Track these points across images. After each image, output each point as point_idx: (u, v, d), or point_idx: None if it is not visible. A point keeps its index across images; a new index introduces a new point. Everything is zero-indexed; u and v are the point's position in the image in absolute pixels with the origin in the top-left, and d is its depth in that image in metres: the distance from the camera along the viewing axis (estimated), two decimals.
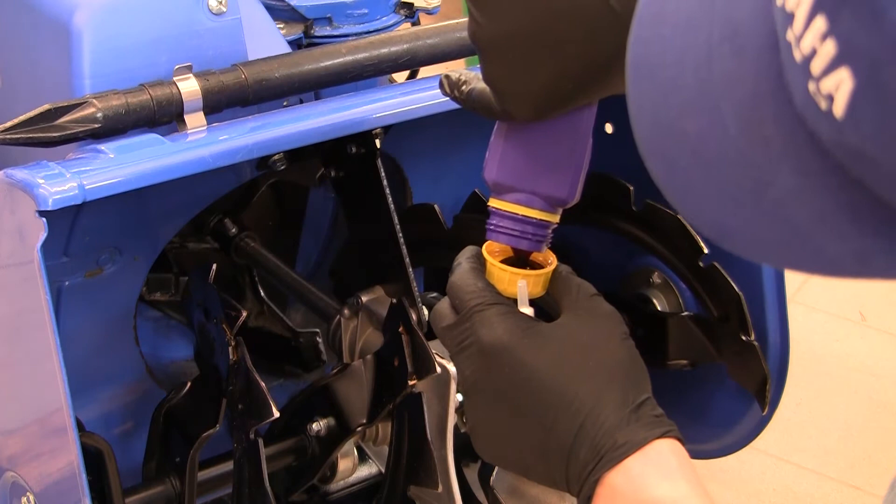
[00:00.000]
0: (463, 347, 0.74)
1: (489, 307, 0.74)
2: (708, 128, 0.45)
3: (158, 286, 1.39)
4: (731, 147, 0.44)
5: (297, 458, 1.17)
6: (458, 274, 0.77)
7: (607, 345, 0.73)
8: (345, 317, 1.18)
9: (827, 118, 0.39)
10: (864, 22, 0.37)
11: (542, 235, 0.79)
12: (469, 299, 0.75)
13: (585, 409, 0.70)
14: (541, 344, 0.72)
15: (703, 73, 0.45)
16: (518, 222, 0.79)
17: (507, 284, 0.78)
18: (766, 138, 0.43)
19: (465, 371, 0.75)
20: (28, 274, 0.88)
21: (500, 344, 0.72)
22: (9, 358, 1.00)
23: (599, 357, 0.72)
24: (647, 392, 0.73)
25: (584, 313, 0.75)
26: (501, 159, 0.79)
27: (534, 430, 0.72)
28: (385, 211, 1.19)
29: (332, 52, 1.14)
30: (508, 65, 0.72)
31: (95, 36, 1.06)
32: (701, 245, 1.30)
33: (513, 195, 0.79)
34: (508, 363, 0.72)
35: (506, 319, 0.73)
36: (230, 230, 1.38)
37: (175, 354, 1.40)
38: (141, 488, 1.10)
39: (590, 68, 0.71)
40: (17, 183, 0.88)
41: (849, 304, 2.07)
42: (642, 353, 1.31)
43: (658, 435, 0.70)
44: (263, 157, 1.07)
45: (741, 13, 0.44)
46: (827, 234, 0.43)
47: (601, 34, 0.69)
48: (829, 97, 0.39)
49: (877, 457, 1.68)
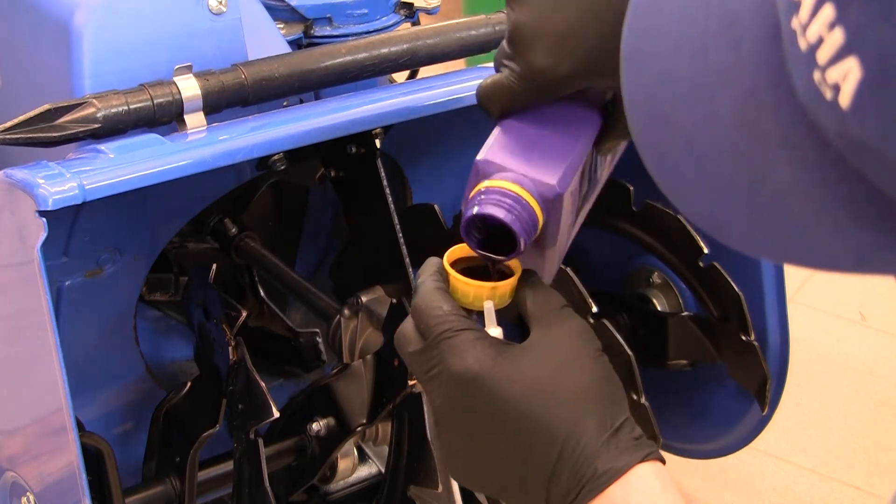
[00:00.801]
0: (431, 376, 0.72)
1: (457, 333, 0.71)
2: (702, 120, 0.44)
3: (158, 286, 1.39)
4: (726, 140, 0.44)
5: (297, 458, 1.17)
6: (423, 295, 0.74)
7: (581, 365, 0.71)
8: (345, 317, 1.18)
9: (831, 108, 0.39)
10: (873, 12, 0.36)
11: (527, 219, 0.74)
12: (436, 324, 0.72)
13: (563, 436, 0.68)
14: (513, 370, 0.70)
15: (698, 64, 0.45)
16: (505, 196, 0.73)
17: (473, 299, 0.74)
18: (763, 131, 0.42)
19: (435, 400, 0.72)
20: (28, 274, 0.88)
21: (471, 373, 0.69)
22: (9, 358, 1.00)
23: (574, 379, 0.70)
24: (624, 412, 0.70)
25: (554, 330, 0.72)
26: (494, 143, 0.76)
27: (511, 458, 0.70)
28: (385, 211, 1.19)
29: (332, 52, 1.14)
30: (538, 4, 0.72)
31: (95, 36, 1.06)
32: (701, 245, 1.30)
33: (502, 174, 0.74)
34: (481, 393, 0.69)
35: (475, 346, 0.70)
36: (230, 230, 1.38)
37: (175, 354, 1.40)
38: (141, 488, 1.10)
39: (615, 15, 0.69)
40: (17, 183, 0.88)
41: (849, 304, 2.07)
42: (642, 353, 1.33)
43: (640, 459, 0.67)
44: (263, 157, 1.07)
45: (739, 4, 0.43)
46: (825, 229, 0.43)
47: None
48: (834, 87, 0.38)
49: (877, 457, 1.68)
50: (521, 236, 0.73)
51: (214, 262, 1.14)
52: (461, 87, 1.10)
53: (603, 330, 1.29)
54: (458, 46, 1.21)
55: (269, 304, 1.46)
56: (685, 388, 1.47)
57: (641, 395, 1.28)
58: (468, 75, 1.14)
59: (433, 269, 0.75)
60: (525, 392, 0.69)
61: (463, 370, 0.70)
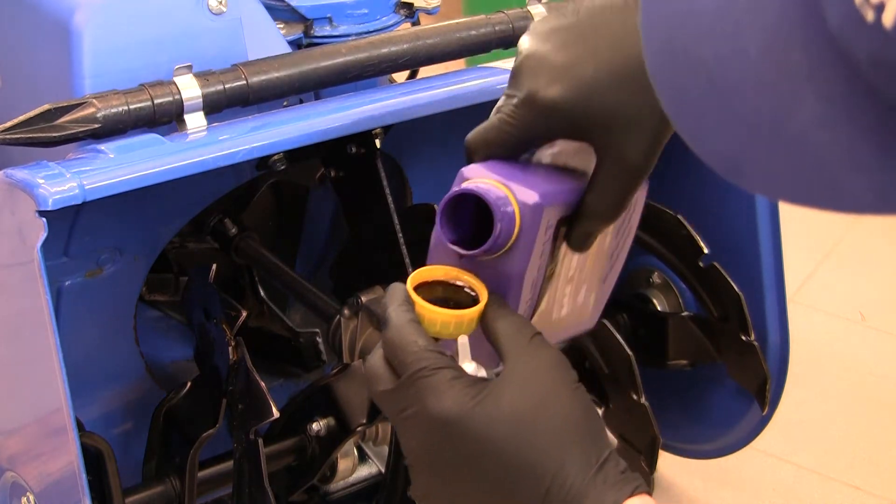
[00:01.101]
0: (406, 416, 0.69)
1: (434, 372, 0.68)
2: (727, 54, 0.43)
3: (158, 286, 1.39)
4: (752, 73, 0.42)
5: (297, 458, 1.17)
6: (396, 329, 0.70)
7: (561, 399, 0.69)
8: (345, 317, 1.18)
9: (872, 31, 0.38)
10: None
11: (507, 212, 0.72)
12: (411, 362, 0.68)
13: (549, 475, 0.66)
14: (493, 410, 0.67)
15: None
16: (488, 185, 0.73)
17: (440, 327, 0.72)
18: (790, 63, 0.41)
19: (410, 442, 0.69)
20: (28, 274, 0.87)
21: (450, 416, 0.67)
22: (9, 358, 1.00)
23: (555, 415, 0.68)
24: (608, 446, 0.69)
25: (529, 363, 0.70)
26: (478, 164, 0.77)
27: (495, 501, 0.68)
28: (385, 211, 1.19)
29: (332, 52, 1.14)
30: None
31: (95, 36, 1.06)
32: (701, 245, 1.30)
33: (486, 176, 0.75)
34: (461, 435, 0.67)
35: (453, 386, 0.67)
36: (230, 230, 1.38)
37: (175, 354, 1.40)
38: (141, 488, 1.10)
39: (612, 53, 0.74)
40: (17, 183, 0.88)
41: (849, 304, 2.07)
42: (642, 353, 1.33)
43: (628, 494, 0.66)
44: (263, 157, 1.07)
45: None
46: (849, 166, 0.41)
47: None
48: (878, 6, 0.37)
49: (877, 457, 1.68)
50: (499, 221, 0.72)
51: (214, 262, 1.14)
52: (461, 87, 1.10)
53: (603, 330, 1.29)
54: (458, 46, 1.21)
55: (269, 304, 1.46)
56: (685, 388, 1.47)
57: (641, 395, 1.28)
58: (468, 75, 1.14)
59: (401, 297, 0.72)
60: (506, 432, 0.67)
61: (441, 412, 0.67)
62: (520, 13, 1.26)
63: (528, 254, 0.74)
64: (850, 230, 2.32)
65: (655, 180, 0.85)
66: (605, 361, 1.31)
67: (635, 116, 0.76)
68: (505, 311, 0.73)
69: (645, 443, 1.31)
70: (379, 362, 0.71)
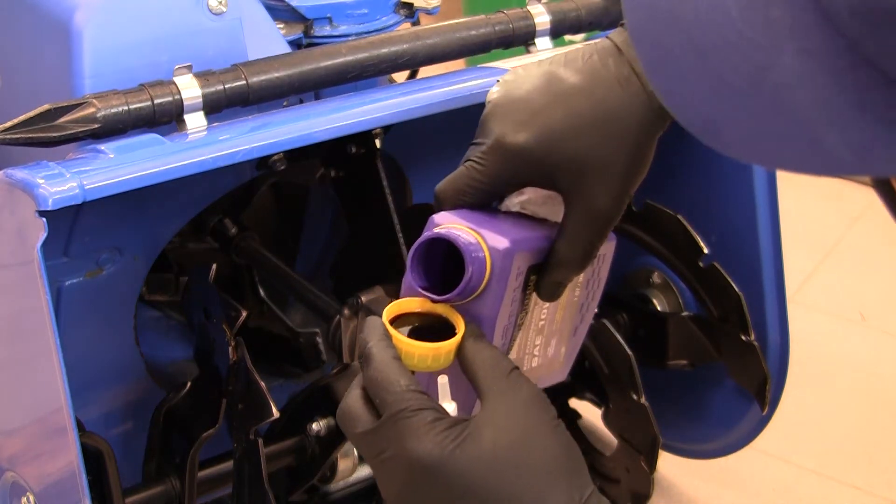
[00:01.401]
0: (385, 458, 0.67)
1: (415, 414, 0.67)
2: (707, 11, 0.43)
3: (158, 286, 1.38)
4: (731, 30, 0.42)
5: (297, 458, 1.17)
6: (378, 367, 0.69)
7: (542, 438, 0.68)
8: (345, 317, 1.18)
9: None
10: None
11: (478, 258, 0.73)
12: (392, 402, 0.67)
13: None
14: (473, 452, 0.66)
15: None
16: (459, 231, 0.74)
17: (417, 360, 0.71)
18: (770, 19, 0.41)
19: (390, 486, 0.68)
20: (28, 274, 0.87)
21: (431, 459, 0.66)
22: (9, 358, 1.00)
23: (537, 454, 0.67)
24: (589, 484, 0.68)
25: (508, 401, 0.69)
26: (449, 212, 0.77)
27: None
28: (385, 211, 1.19)
29: (332, 52, 1.14)
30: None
31: (95, 36, 1.06)
32: (701, 245, 1.30)
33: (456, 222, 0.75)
34: (442, 478, 0.66)
35: (433, 428, 0.66)
36: (230, 230, 1.38)
37: (175, 354, 1.40)
38: (141, 488, 1.10)
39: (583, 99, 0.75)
40: (17, 183, 0.88)
41: (849, 304, 2.07)
42: (642, 353, 1.33)
43: None
44: (263, 157, 1.07)
45: None
46: (828, 123, 0.41)
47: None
48: None
49: (877, 457, 1.68)
50: (470, 265, 0.72)
51: (214, 262, 1.14)
52: (461, 87, 1.10)
53: (603, 330, 1.29)
54: (458, 46, 1.21)
55: (269, 304, 1.46)
56: (685, 388, 1.47)
57: (641, 395, 1.28)
58: (468, 75, 1.14)
59: (380, 332, 0.71)
60: (488, 474, 0.66)
61: (422, 455, 0.66)
62: (520, 13, 1.26)
63: (500, 299, 0.75)
64: (849, 230, 2.32)
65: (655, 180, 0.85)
66: (605, 361, 1.31)
67: (604, 163, 0.76)
68: (481, 343, 0.72)
69: (645, 443, 1.31)
70: (357, 402, 0.70)
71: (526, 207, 0.81)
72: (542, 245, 0.79)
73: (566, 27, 1.30)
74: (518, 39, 1.27)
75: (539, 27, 1.27)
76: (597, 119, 0.75)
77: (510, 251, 0.74)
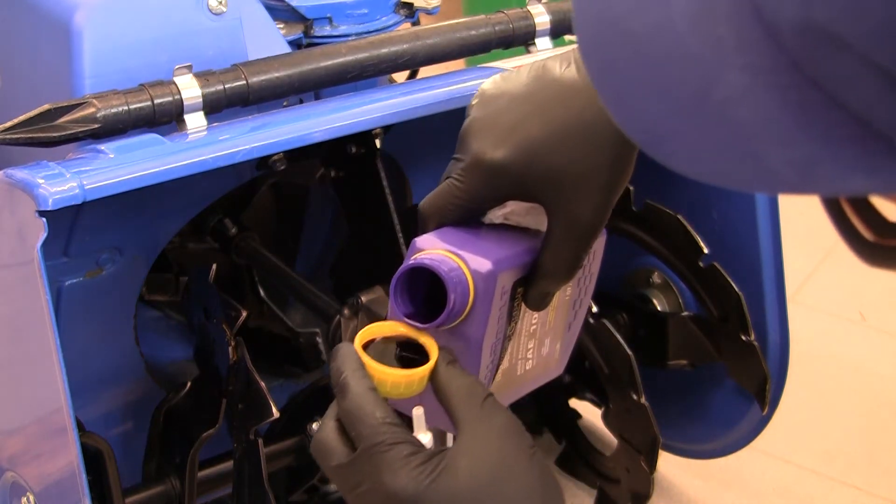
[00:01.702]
0: (360, 493, 0.67)
1: (391, 448, 0.66)
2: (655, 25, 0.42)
3: (158, 286, 1.39)
4: (678, 45, 0.42)
5: (297, 458, 1.17)
6: (353, 399, 0.68)
7: (518, 467, 0.68)
8: (345, 317, 1.18)
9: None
10: None
11: (461, 283, 0.72)
12: (368, 435, 0.67)
13: None
14: (450, 485, 0.66)
15: None
16: (442, 258, 0.73)
17: (390, 388, 0.70)
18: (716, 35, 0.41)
19: None
20: (28, 274, 0.88)
21: (407, 494, 0.65)
22: (9, 358, 1.00)
23: (513, 485, 0.67)
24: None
25: (483, 431, 0.68)
26: (431, 234, 0.77)
27: None
28: (385, 211, 1.19)
29: (332, 52, 1.14)
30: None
31: (95, 36, 1.06)
32: (701, 245, 1.30)
33: (438, 247, 0.75)
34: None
35: (409, 462, 0.66)
36: (230, 230, 1.38)
37: (175, 354, 1.40)
38: (141, 488, 1.10)
39: (563, 111, 0.75)
40: (17, 183, 0.88)
41: (849, 304, 2.07)
42: (642, 353, 1.33)
43: None
44: (263, 157, 1.07)
45: None
46: (770, 139, 0.41)
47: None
48: None
49: (877, 457, 1.68)
50: (452, 293, 0.71)
51: (214, 262, 1.14)
52: (461, 87, 1.10)
53: (603, 330, 1.29)
54: (458, 46, 1.21)
55: (269, 304, 1.46)
56: (685, 388, 1.47)
57: (641, 395, 1.28)
58: (468, 75, 1.14)
59: (354, 361, 0.70)
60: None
61: (398, 490, 0.66)
62: (520, 13, 1.26)
63: (485, 320, 0.74)
64: None
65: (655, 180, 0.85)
66: (605, 361, 1.31)
67: (584, 174, 0.75)
68: (455, 370, 0.72)
69: (645, 443, 1.31)
70: (332, 435, 0.69)
71: (510, 219, 0.81)
72: (528, 258, 0.78)
73: (566, 27, 1.30)
74: (518, 39, 1.27)
75: (539, 27, 1.27)
76: (575, 131, 0.75)
77: (492, 273, 0.74)
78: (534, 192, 0.77)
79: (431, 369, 0.72)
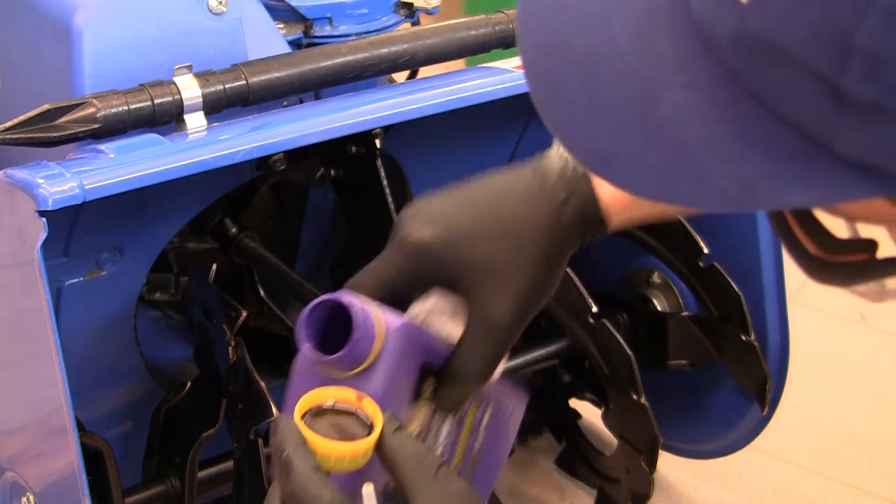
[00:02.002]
0: None
1: None
2: (597, 45, 0.43)
3: (158, 286, 1.38)
4: (620, 64, 0.42)
5: None
6: (298, 480, 0.64)
7: None
8: None
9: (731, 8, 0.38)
10: None
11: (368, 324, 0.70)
12: None
13: None
14: None
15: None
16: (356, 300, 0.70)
17: (335, 462, 0.66)
18: (657, 53, 0.41)
19: None
20: (28, 274, 0.88)
21: None
22: (9, 358, 1.00)
23: None
24: None
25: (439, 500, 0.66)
26: None
27: None
28: (385, 211, 1.19)
29: (332, 52, 1.14)
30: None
31: (95, 36, 1.06)
32: (701, 245, 1.30)
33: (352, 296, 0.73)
34: None
35: None
36: (230, 230, 1.38)
37: (175, 354, 1.40)
38: (141, 488, 1.10)
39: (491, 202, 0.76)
40: (17, 183, 0.88)
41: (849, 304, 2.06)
42: (642, 353, 1.32)
43: None
44: (263, 157, 1.07)
45: None
46: (713, 155, 0.41)
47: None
48: None
49: (877, 457, 1.68)
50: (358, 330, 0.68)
51: (214, 262, 1.14)
52: (461, 87, 1.10)
53: (603, 330, 1.29)
54: (458, 46, 1.21)
55: (269, 304, 1.46)
56: (685, 388, 1.47)
57: (641, 395, 1.28)
58: (468, 75, 1.14)
59: (296, 436, 0.66)
60: None
61: None
62: None
63: (387, 379, 0.71)
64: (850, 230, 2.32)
65: None
66: (605, 361, 1.30)
67: (503, 271, 0.75)
68: (402, 438, 0.68)
69: (645, 443, 1.30)
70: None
71: (432, 319, 0.79)
72: (442, 348, 0.77)
73: None
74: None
75: None
76: (504, 228, 0.75)
77: (406, 327, 0.72)
78: (454, 279, 0.76)
79: (377, 439, 0.68)
